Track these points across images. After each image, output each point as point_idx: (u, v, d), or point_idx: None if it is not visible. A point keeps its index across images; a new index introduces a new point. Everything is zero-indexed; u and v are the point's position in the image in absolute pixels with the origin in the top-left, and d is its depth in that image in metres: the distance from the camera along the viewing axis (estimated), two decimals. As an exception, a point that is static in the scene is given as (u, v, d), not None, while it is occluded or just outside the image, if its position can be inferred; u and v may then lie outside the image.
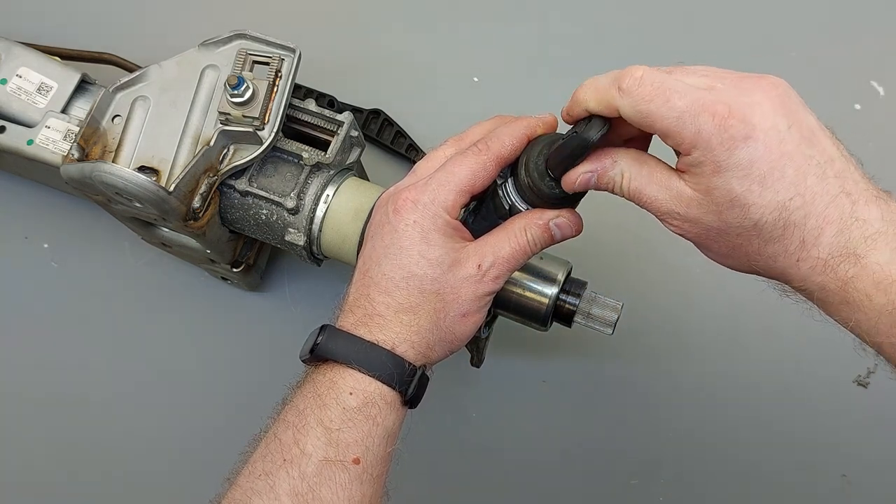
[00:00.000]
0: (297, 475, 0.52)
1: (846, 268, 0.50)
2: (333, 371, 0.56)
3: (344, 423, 0.54)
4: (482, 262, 0.58)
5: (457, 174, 0.59)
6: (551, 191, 0.58)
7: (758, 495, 0.86)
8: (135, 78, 0.74)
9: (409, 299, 0.58)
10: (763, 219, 0.50)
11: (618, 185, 0.56)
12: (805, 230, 0.50)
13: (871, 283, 0.49)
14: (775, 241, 0.51)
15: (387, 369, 0.56)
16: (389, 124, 0.93)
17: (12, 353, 0.91)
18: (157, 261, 0.92)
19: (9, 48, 0.81)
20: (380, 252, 0.59)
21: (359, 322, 0.58)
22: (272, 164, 0.75)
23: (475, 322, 0.60)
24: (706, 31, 1.00)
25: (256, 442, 0.56)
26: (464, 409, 0.89)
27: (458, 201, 0.59)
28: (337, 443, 0.53)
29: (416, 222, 0.58)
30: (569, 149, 0.56)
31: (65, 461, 0.88)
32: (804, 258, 0.50)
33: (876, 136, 0.94)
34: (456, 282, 0.58)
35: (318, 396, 0.55)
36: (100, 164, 0.68)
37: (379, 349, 0.57)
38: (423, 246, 0.58)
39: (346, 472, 0.53)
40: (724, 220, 0.51)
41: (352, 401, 0.55)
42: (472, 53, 0.99)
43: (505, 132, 0.60)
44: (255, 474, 0.53)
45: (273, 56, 0.72)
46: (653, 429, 0.88)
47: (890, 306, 0.49)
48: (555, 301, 0.69)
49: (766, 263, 0.52)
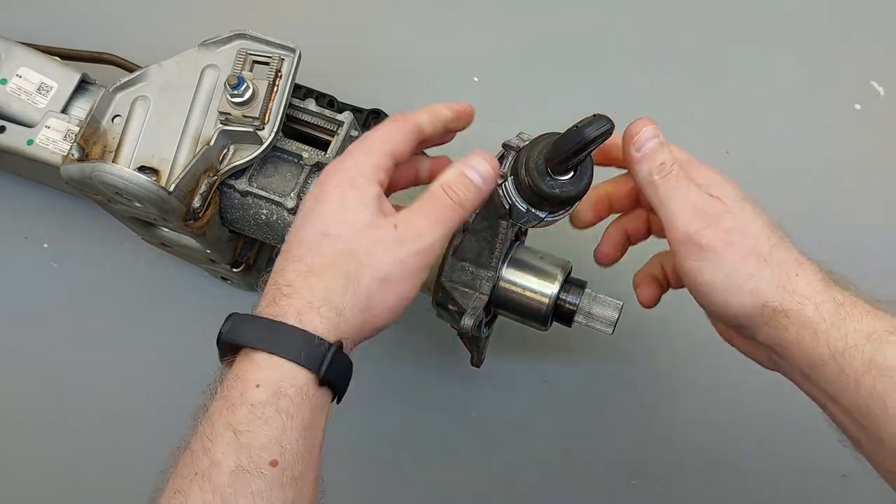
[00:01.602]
0: (210, 488, 0.47)
1: (837, 291, 0.56)
2: (241, 364, 0.52)
3: (252, 422, 0.49)
4: (398, 223, 0.55)
5: (374, 138, 0.58)
6: (551, 190, 0.58)
7: (758, 495, 0.86)
8: (135, 78, 0.74)
9: (319, 260, 0.54)
10: (766, 227, 0.59)
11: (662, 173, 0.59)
12: (794, 250, 0.59)
13: (862, 310, 0.55)
14: (777, 250, 0.58)
15: (292, 346, 0.51)
16: (389, 124, 0.93)
17: (12, 352, 0.91)
18: (157, 261, 0.92)
19: (9, 48, 0.81)
20: (298, 223, 0.57)
21: (269, 302, 0.54)
22: (272, 163, 0.75)
23: (398, 293, 0.55)
24: (706, 32, 1.00)
25: (174, 456, 0.52)
26: (464, 409, 0.89)
27: (380, 163, 0.57)
28: (248, 446, 0.48)
29: (337, 186, 0.56)
30: (568, 144, 0.55)
31: (65, 461, 0.88)
32: (801, 273, 0.57)
33: (876, 136, 0.95)
34: (370, 243, 0.54)
35: (225, 397, 0.51)
36: (100, 164, 0.68)
37: (281, 324, 0.52)
38: (340, 207, 0.55)
39: (261, 478, 0.48)
40: (743, 217, 0.59)
41: (259, 395, 0.50)
42: (472, 53, 0.99)
43: (429, 106, 0.62)
44: (172, 491, 0.49)
45: (273, 56, 0.72)
46: (653, 429, 0.88)
47: (874, 334, 0.53)
48: (555, 300, 0.69)
49: (770, 273, 0.57)
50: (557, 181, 0.58)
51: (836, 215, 0.91)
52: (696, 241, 0.57)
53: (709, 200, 0.57)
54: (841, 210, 0.92)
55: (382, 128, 0.59)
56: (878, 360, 0.51)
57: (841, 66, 0.98)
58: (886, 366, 0.51)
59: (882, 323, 0.53)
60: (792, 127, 0.95)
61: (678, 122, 0.95)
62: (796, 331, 0.55)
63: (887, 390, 0.51)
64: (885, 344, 0.52)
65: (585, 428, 0.88)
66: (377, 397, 0.89)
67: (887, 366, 0.51)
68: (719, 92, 0.97)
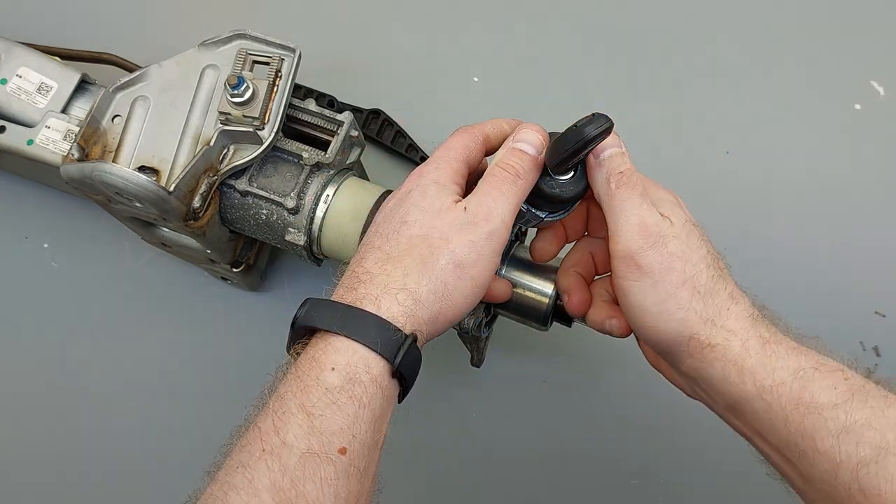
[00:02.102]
0: (278, 468, 0.47)
1: (764, 329, 0.56)
2: (316, 346, 0.52)
3: (327, 406, 0.49)
4: (467, 205, 0.57)
5: (452, 147, 0.61)
6: (551, 190, 0.58)
7: (758, 495, 0.86)
8: (135, 78, 0.74)
9: (396, 248, 0.56)
10: (709, 256, 0.59)
11: None
12: (731, 283, 0.59)
13: (787, 347, 0.55)
14: (714, 282, 0.57)
15: (369, 332, 0.52)
16: (389, 124, 0.93)
17: (12, 352, 0.91)
18: (157, 261, 0.92)
19: (9, 48, 0.81)
20: (379, 218, 0.59)
21: (347, 290, 0.55)
22: (272, 163, 0.75)
23: (473, 279, 0.56)
24: (706, 32, 1.00)
25: (238, 433, 0.52)
26: (464, 409, 0.89)
27: (459, 169, 0.60)
28: (321, 431, 0.49)
29: (419, 185, 0.59)
30: (567, 143, 0.55)
31: (64, 461, 0.88)
32: (732, 308, 0.57)
33: (876, 136, 0.95)
34: (443, 226, 0.56)
35: (299, 378, 0.51)
36: (100, 164, 0.68)
37: (360, 311, 0.53)
38: (419, 198, 0.58)
39: (331, 465, 0.48)
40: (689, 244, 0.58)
41: (334, 378, 0.50)
42: (472, 53, 0.99)
43: (493, 121, 0.63)
44: (233, 467, 0.49)
45: (273, 56, 0.72)
46: (653, 429, 0.88)
47: (801, 371, 0.53)
48: (555, 300, 0.69)
49: (701, 305, 0.57)
50: (557, 181, 0.59)
51: (836, 215, 0.91)
52: (636, 260, 0.56)
53: (658, 220, 0.57)
54: (841, 210, 0.92)
55: (457, 138, 0.61)
56: (806, 397, 0.52)
57: (841, 66, 0.98)
58: (814, 403, 0.51)
59: (807, 359, 0.53)
60: (792, 127, 0.96)
61: (678, 122, 0.96)
62: (722, 366, 0.55)
63: (816, 427, 0.51)
64: (811, 381, 0.52)
65: (585, 428, 0.88)
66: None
67: (815, 403, 0.51)
68: (719, 92, 0.97)
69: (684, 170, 0.92)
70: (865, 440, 0.49)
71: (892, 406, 0.50)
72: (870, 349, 0.87)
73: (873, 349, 0.87)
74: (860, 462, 0.48)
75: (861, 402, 0.50)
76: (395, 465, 0.88)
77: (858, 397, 0.51)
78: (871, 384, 0.52)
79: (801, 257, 0.90)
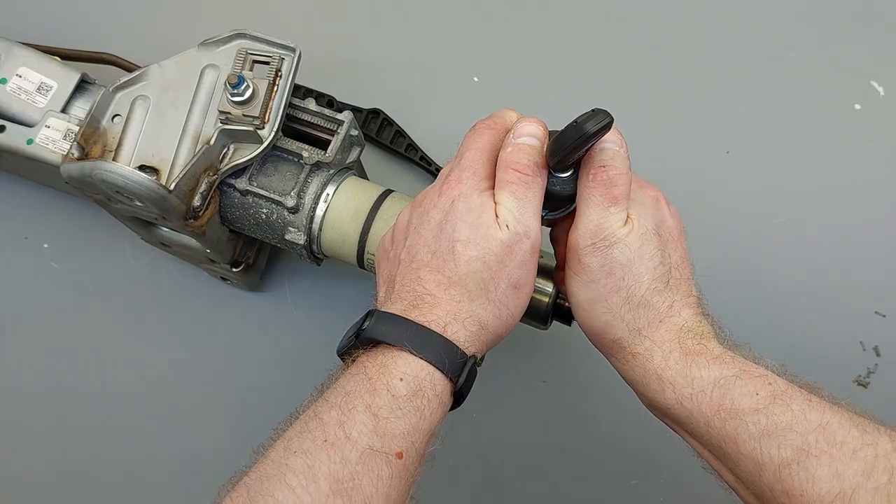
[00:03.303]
0: (339, 459, 0.49)
1: (691, 341, 0.57)
2: (384, 355, 0.54)
3: (392, 412, 0.51)
4: (508, 222, 0.57)
5: (483, 149, 0.60)
6: (552, 187, 0.58)
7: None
8: (134, 77, 0.74)
9: (456, 271, 0.56)
10: (660, 268, 0.59)
11: None
12: (676, 296, 0.59)
13: (709, 359, 0.56)
14: (653, 294, 0.58)
15: (438, 354, 0.54)
16: (389, 124, 0.93)
17: (12, 352, 0.91)
18: (156, 261, 0.92)
19: (9, 48, 0.81)
20: (427, 233, 0.59)
21: (409, 306, 0.56)
22: (272, 163, 0.75)
23: (526, 293, 0.59)
24: (706, 32, 1.00)
25: (292, 419, 0.54)
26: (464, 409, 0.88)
27: (491, 172, 0.60)
28: (384, 433, 0.50)
29: (461, 195, 0.58)
30: (567, 140, 0.55)
31: (64, 461, 0.88)
32: (665, 321, 0.58)
33: (876, 136, 0.95)
34: (495, 247, 0.56)
35: (369, 380, 0.53)
36: (100, 163, 0.68)
37: (430, 331, 0.54)
38: (464, 211, 0.57)
39: (389, 465, 0.50)
40: (640, 254, 0.58)
41: (402, 388, 0.52)
42: (472, 53, 0.99)
43: (504, 112, 0.64)
44: (291, 450, 0.50)
45: (273, 55, 0.73)
46: (653, 429, 0.87)
47: (722, 378, 0.55)
48: (555, 299, 0.69)
49: (636, 316, 0.58)
50: (557, 178, 0.58)
51: (836, 215, 0.91)
52: (579, 257, 0.58)
53: (613, 223, 0.57)
54: (841, 210, 0.92)
55: (485, 137, 0.61)
56: (727, 403, 0.53)
57: (841, 66, 0.98)
58: (734, 409, 0.53)
59: (729, 368, 0.55)
60: (792, 127, 0.96)
61: (678, 121, 0.96)
62: (643, 374, 0.58)
63: (738, 431, 0.52)
64: (731, 388, 0.53)
65: (585, 428, 0.88)
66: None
67: (735, 408, 0.53)
68: (720, 92, 0.97)
69: (684, 169, 0.92)
70: (787, 443, 0.50)
71: (815, 410, 0.51)
72: (870, 349, 0.87)
73: (873, 349, 0.87)
74: (782, 463, 0.50)
75: (783, 406, 0.52)
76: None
77: (780, 401, 0.52)
78: (795, 389, 0.53)
79: (801, 257, 0.90)
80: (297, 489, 0.47)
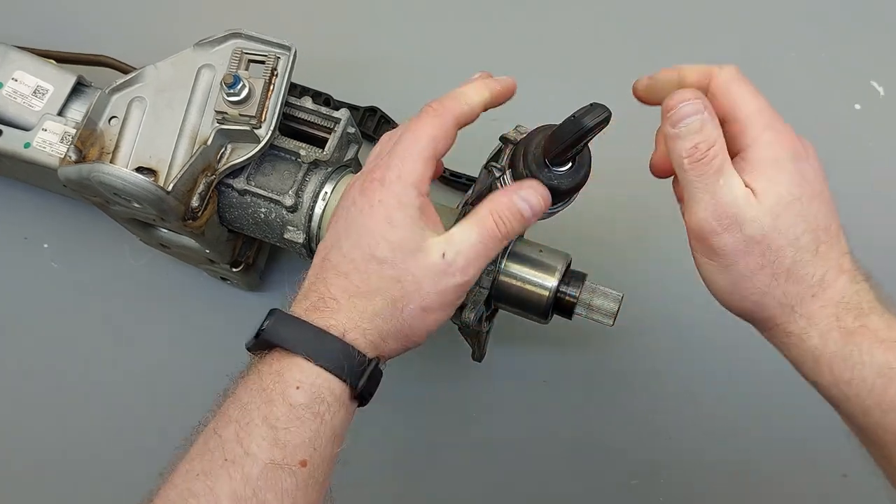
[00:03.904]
0: (240, 478, 0.48)
1: (852, 319, 0.52)
2: (280, 361, 0.53)
3: (291, 421, 0.50)
4: (447, 251, 0.54)
5: (419, 142, 0.55)
6: (550, 182, 0.58)
7: (758, 495, 0.86)
8: (131, 79, 0.74)
9: (366, 283, 0.54)
10: (806, 235, 0.53)
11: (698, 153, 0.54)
12: (826, 267, 0.53)
13: (873, 341, 0.50)
14: (805, 265, 0.53)
15: (336, 360, 0.52)
16: (386, 122, 0.93)
17: (12, 353, 0.91)
18: (156, 261, 0.92)
19: (4, 52, 0.81)
20: (342, 234, 0.56)
21: (311, 307, 0.55)
22: (270, 162, 0.75)
23: (435, 321, 0.56)
24: (706, 31, 1.00)
25: (194, 437, 0.52)
26: (464, 409, 0.89)
27: (426, 173, 0.55)
28: (284, 444, 0.49)
29: (382, 201, 0.54)
30: (565, 134, 0.54)
31: (64, 461, 0.88)
32: (818, 294, 0.53)
33: (876, 136, 0.94)
34: (418, 270, 0.54)
35: (264, 390, 0.51)
36: (98, 165, 0.68)
37: (328, 336, 0.53)
38: (387, 227, 0.54)
39: (292, 476, 0.49)
40: (777, 226, 0.53)
41: (299, 396, 0.51)
42: (472, 53, 0.99)
43: (462, 89, 0.59)
44: (193, 473, 0.49)
45: (269, 54, 0.72)
46: (653, 428, 0.87)
47: (886, 367, 0.49)
48: (555, 293, 0.69)
49: (787, 292, 0.53)
50: (556, 173, 0.58)
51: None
52: (707, 242, 0.54)
53: (735, 200, 0.52)
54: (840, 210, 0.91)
55: (422, 127, 0.56)
56: (890, 395, 0.49)
57: (841, 66, 0.97)
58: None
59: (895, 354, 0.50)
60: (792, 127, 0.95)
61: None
62: (798, 353, 0.53)
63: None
64: None
65: (585, 427, 0.88)
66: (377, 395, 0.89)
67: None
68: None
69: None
70: None
71: None
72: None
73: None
74: None
75: None
76: (395, 460, 0.88)
77: None
78: None
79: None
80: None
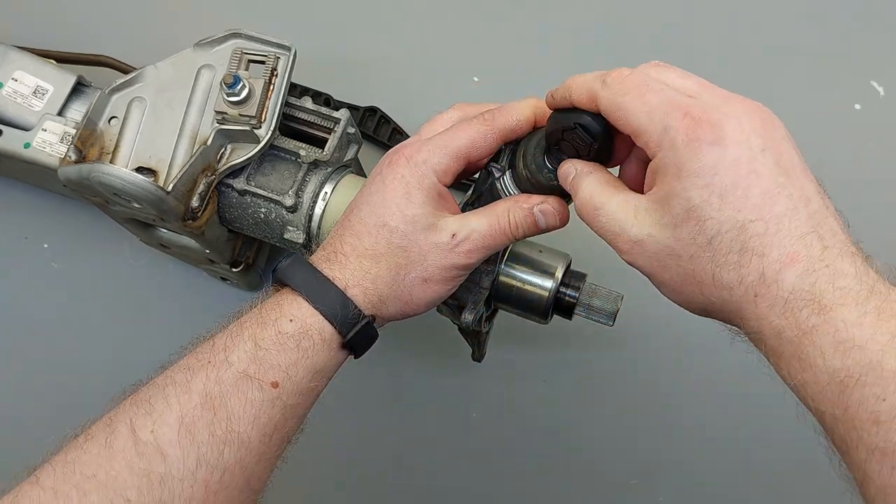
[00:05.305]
0: (215, 379, 0.53)
1: (807, 315, 0.44)
2: (283, 296, 0.57)
3: (274, 345, 0.55)
4: (457, 233, 0.58)
5: (456, 139, 0.59)
6: (549, 182, 0.58)
7: (758, 495, 0.86)
8: (131, 79, 0.74)
9: (374, 247, 0.58)
10: (719, 237, 0.47)
11: (581, 192, 0.55)
12: (765, 262, 0.46)
13: (830, 342, 0.43)
14: (730, 269, 0.47)
15: (332, 307, 0.56)
16: (386, 121, 0.93)
17: (12, 353, 0.91)
18: (156, 261, 0.92)
19: (4, 52, 0.81)
20: (364, 199, 0.60)
21: (324, 258, 0.59)
22: (270, 162, 0.75)
23: (435, 292, 0.60)
24: (707, 31, 1.00)
25: (197, 340, 0.58)
26: (464, 409, 0.89)
27: (452, 167, 0.59)
28: (261, 361, 0.54)
29: (403, 177, 0.59)
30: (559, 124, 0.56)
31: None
32: (763, 294, 0.46)
33: (876, 136, 0.94)
34: (426, 244, 0.58)
35: (262, 315, 0.56)
36: (98, 165, 0.68)
37: (331, 285, 0.57)
38: (404, 201, 0.58)
39: (260, 391, 0.53)
40: (678, 236, 0.48)
41: (289, 327, 0.55)
42: (472, 53, 0.99)
43: (513, 107, 0.61)
44: (181, 366, 0.55)
45: (269, 54, 0.73)
46: (653, 429, 0.87)
47: (843, 373, 0.43)
48: (555, 293, 0.69)
49: (721, 297, 0.48)
50: (555, 172, 0.58)
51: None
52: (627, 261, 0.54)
53: (620, 224, 0.52)
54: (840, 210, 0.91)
55: (469, 130, 0.60)
56: (843, 402, 0.43)
57: (841, 66, 0.97)
58: (853, 416, 0.43)
59: (853, 357, 0.43)
60: (792, 127, 0.94)
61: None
62: (766, 354, 0.49)
63: (850, 438, 0.44)
64: (853, 389, 0.43)
65: (585, 428, 0.88)
66: (377, 395, 0.89)
67: (853, 416, 0.43)
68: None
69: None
70: None
71: None
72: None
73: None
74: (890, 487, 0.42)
75: None
76: (396, 460, 0.88)
77: None
78: None
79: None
80: (170, 398, 0.53)
